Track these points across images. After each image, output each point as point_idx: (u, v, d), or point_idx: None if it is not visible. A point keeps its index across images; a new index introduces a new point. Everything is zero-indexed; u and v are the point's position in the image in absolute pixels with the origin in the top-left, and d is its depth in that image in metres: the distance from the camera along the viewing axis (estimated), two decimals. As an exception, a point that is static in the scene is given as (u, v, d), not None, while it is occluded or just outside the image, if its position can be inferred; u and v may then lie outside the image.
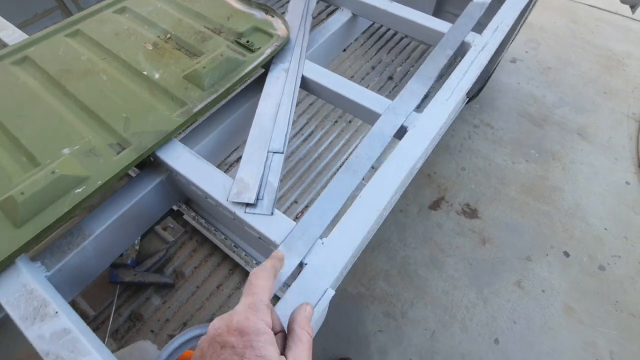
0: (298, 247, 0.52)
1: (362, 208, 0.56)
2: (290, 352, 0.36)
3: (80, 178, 0.58)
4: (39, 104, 0.68)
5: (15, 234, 0.52)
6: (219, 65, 0.72)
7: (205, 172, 0.60)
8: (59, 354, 0.44)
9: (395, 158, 0.61)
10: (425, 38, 0.89)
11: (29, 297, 0.49)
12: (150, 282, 1.05)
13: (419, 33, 0.88)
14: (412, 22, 0.88)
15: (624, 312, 1.63)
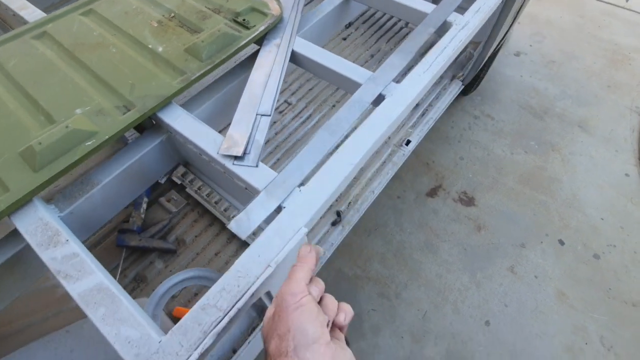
0: (278, 193, 0.59)
1: (337, 162, 0.62)
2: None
3: (90, 133, 0.65)
4: (55, 71, 0.77)
5: (33, 177, 0.60)
6: (216, 40, 0.79)
7: (200, 131, 0.68)
8: (68, 272, 0.52)
9: (371, 121, 0.67)
10: (412, 19, 0.94)
11: (44, 228, 0.57)
12: (154, 248, 1.13)
13: (406, 14, 0.94)
14: (399, 4, 0.93)
15: (617, 300, 1.65)
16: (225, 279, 0.51)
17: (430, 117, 1.55)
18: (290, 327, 0.36)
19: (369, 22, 1.87)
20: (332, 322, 0.41)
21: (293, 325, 0.37)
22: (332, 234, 1.23)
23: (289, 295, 0.39)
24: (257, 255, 0.53)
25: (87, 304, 0.49)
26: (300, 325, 0.36)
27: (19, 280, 0.64)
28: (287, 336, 0.36)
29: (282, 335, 0.36)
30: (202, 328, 0.48)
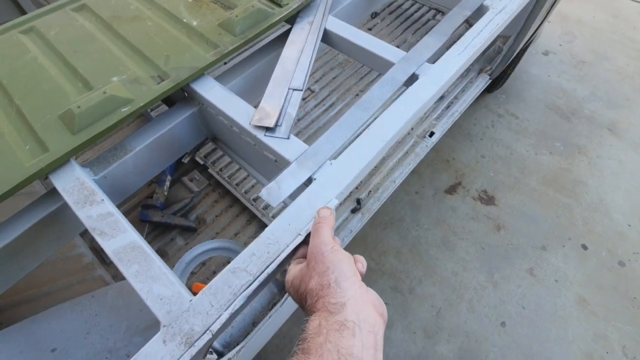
0: (309, 165, 0.59)
1: (369, 138, 0.62)
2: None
3: (126, 100, 0.67)
4: (93, 42, 0.78)
5: (72, 139, 0.62)
6: (249, 15, 0.79)
7: (232, 102, 0.68)
8: (103, 230, 0.53)
9: (404, 100, 0.66)
10: (447, 3, 0.92)
11: (80, 187, 0.58)
12: (176, 225, 1.15)
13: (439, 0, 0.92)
14: (434, -12, 0.92)
15: (642, 309, 1.59)
16: (256, 244, 0.51)
17: (455, 110, 1.53)
18: (329, 265, 0.43)
19: (395, 13, 1.85)
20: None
21: (332, 263, 0.44)
22: (352, 221, 1.22)
23: (322, 244, 0.46)
24: (287, 223, 0.53)
25: (121, 260, 0.50)
26: (339, 263, 0.44)
27: (52, 239, 0.66)
28: (327, 272, 0.43)
29: (321, 272, 0.43)
30: (232, 290, 0.48)
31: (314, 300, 0.42)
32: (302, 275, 0.45)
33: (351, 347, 0.36)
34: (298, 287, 0.46)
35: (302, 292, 0.44)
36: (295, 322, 1.58)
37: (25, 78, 0.72)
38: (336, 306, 0.39)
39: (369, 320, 0.40)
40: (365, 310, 0.40)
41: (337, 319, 0.38)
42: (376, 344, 0.39)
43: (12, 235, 0.60)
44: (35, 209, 0.62)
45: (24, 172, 0.58)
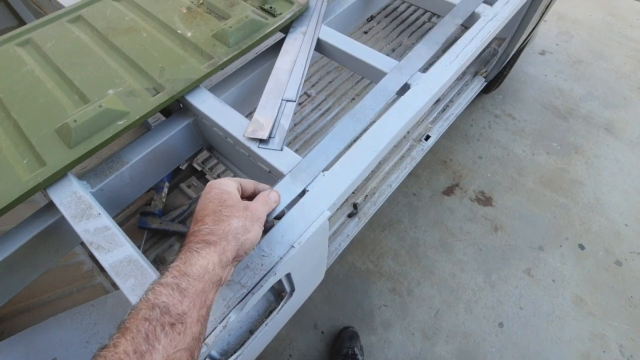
0: (302, 177, 0.60)
1: (361, 149, 0.63)
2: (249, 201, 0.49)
3: (122, 112, 0.68)
4: (89, 54, 0.79)
5: (69, 153, 0.63)
6: (243, 26, 0.80)
7: (226, 114, 0.69)
8: (100, 244, 0.54)
9: (396, 109, 0.67)
10: (439, 10, 0.93)
11: (78, 201, 0.59)
12: (174, 231, 1.16)
13: (433, 5, 0.93)
14: (427, -5, 0.92)
15: (639, 308, 1.60)
16: (250, 257, 0.52)
17: (451, 113, 1.53)
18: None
19: (391, 16, 1.85)
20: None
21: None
22: (348, 226, 1.23)
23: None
24: (280, 236, 0.54)
25: (118, 274, 0.51)
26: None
27: (51, 252, 0.67)
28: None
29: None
30: (226, 303, 0.49)
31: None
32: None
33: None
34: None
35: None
36: (294, 326, 1.60)
37: (22, 91, 0.73)
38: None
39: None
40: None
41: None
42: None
43: (11, 248, 0.61)
44: (34, 222, 0.63)
45: (22, 186, 0.59)
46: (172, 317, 0.33)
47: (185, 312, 0.34)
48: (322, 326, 1.60)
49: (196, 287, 0.36)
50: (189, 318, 0.34)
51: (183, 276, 0.37)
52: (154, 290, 0.35)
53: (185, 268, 0.37)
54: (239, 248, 0.42)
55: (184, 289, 0.35)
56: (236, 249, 0.42)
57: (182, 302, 0.35)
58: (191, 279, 0.37)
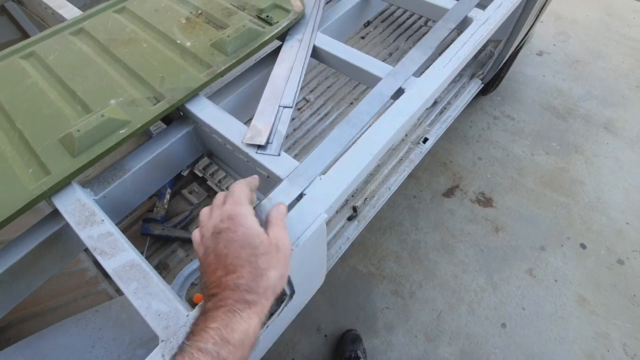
0: (300, 182, 0.61)
1: (357, 153, 0.64)
2: (270, 229, 0.46)
3: (124, 122, 0.69)
4: (91, 65, 0.81)
5: (72, 162, 0.65)
6: (241, 35, 0.82)
7: (225, 121, 0.71)
8: (103, 249, 0.56)
9: (390, 114, 0.69)
10: (432, 15, 0.95)
11: (81, 208, 0.61)
12: (176, 237, 1.18)
13: (426, 10, 0.95)
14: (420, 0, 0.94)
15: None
16: (249, 260, 0.53)
17: (449, 116, 1.55)
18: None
19: (387, 21, 1.88)
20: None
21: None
22: (348, 229, 1.24)
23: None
24: (278, 239, 0.55)
25: (121, 278, 0.52)
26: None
27: (56, 259, 0.69)
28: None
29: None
30: (226, 305, 0.50)
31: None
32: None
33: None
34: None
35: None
36: (297, 329, 1.61)
37: (27, 103, 0.75)
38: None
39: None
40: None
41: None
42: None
43: (17, 255, 0.62)
44: (39, 230, 0.65)
45: (27, 195, 0.61)
46: None
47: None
48: (325, 329, 1.60)
49: (236, 355, 0.35)
50: None
51: (225, 344, 0.34)
52: (192, 355, 0.33)
53: (226, 334, 0.35)
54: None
55: (224, 359, 0.34)
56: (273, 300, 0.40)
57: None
58: (232, 346, 0.34)
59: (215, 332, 0.35)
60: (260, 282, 0.39)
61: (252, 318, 0.37)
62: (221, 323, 0.36)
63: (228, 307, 0.37)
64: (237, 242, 0.41)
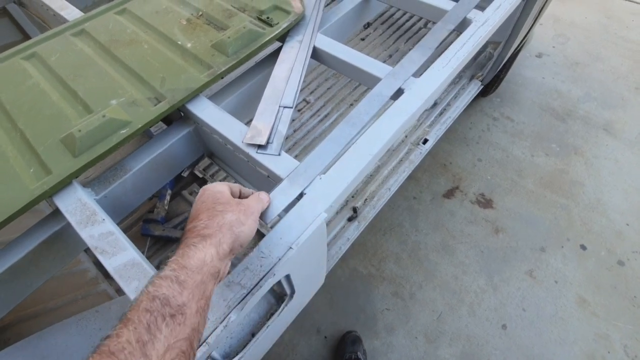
0: (300, 181, 0.61)
1: (357, 153, 0.64)
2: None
3: (125, 122, 0.70)
4: (92, 66, 0.82)
5: (73, 162, 0.65)
6: (241, 36, 0.83)
7: (226, 121, 0.71)
8: (104, 248, 0.56)
9: (390, 114, 0.69)
10: (432, 16, 0.95)
11: (82, 208, 0.61)
12: (177, 238, 1.18)
13: (426, 12, 0.95)
14: (419, 2, 0.95)
15: (642, 308, 1.59)
16: (249, 259, 0.54)
17: (448, 117, 1.55)
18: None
19: (387, 23, 1.89)
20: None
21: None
22: (349, 229, 1.24)
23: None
24: (279, 238, 0.56)
25: (122, 277, 0.53)
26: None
27: (56, 259, 0.69)
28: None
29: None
30: (227, 303, 0.50)
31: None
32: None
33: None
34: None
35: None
36: (297, 330, 1.60)
37: (28, 103, 0.75)
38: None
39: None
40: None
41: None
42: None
43: (18, 254, 0.63)
44: (40, 229, 0.65)
45: (29, 194, 0.61)
46: (172, 308, 0.34)
47: (185, 304, 0.35)
48: (325, 331, 1.60)
49: (195, 279, 0.37)
50: (188, 309, 0.35)
51: (181, 269, 0.37)
52: (154, 283, 0.36)
53: (183, 261, 0.38)
54: (235, 240, 0.43)
55: (182, 281, 0.36)
56: (232, 241, 0.43)
57: (182, 294, 0.36)
58: (189, 271, 0.38)
59: (173, 262, 0.39)
60: (215, 219, 0.43)
61: (208, 248, 0.41)
62: (178, 255, 0.40)
63: (185, 243, 0.41)
64: (203, 202, 0.46)
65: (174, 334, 0.33)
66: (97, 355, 0.30)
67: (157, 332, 0.32)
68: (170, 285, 0.36)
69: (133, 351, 0.30)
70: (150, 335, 0.32)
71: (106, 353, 0.30)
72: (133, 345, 0.30)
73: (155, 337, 0.32)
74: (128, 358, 0.30)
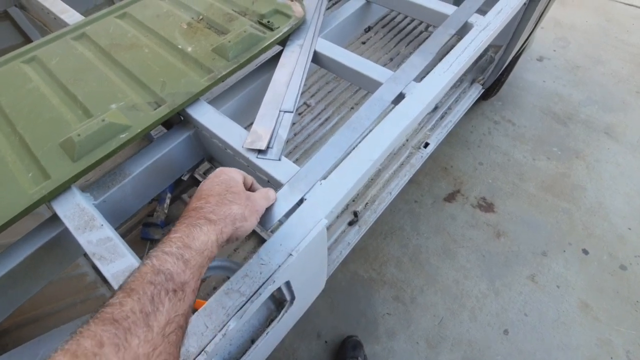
0: (300, 187, 0.61)
1: (357, 158, 0.64)
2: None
3: (124, 126, 0.69)
4: (92, 70, 0.82)
5: (72, 166, 0.65)
6: (242, 40, 0.83)
7: (226, 126, 0.70)
8: (102, 254, 0.55)
9: (391, 119, 0.69)
10: (433, 21, 0.95)
11: (81, 213, 0.61)
12: (176, 242, 1.17)
13: (427, 16, 0.95)
14: (420, 6, 0.95)
15: (645, 313, 1.58)
16: (249, 266, 0.53)
17: (449, 121, 1.55)
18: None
19: (388, 26, 1.89)
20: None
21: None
22: (349, 234, 1.24)
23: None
24: (279, 244, 0.55)
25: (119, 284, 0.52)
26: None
27: (55, 263, 0.68)
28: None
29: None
30: (226, 311, 0.50)
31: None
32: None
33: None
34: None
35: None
36: (297, 335, 1.59)
37: (28, 107, 0.75)
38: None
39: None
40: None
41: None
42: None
43: (16, 260, 0.62)
44: (38, 234, 0.64)
45: (27, 199, 0.61)
46: (175, 284, 0.35)
47: (187, 282, 0.36)
48: (326, 335, 1.59)
49: (196, 260, 0.38)
50: (188, 287, 0.36)
51: (186, 248, 0.38)
52: (159, 257, 0.37)
53: (188, 240, 0.39)
54: (233, 233, 0.45)
55: (187, 260, 0.37)
56: (231, 233, 0.44)
57: (185, 272, 0.37)
58: (193, 251, 0.39)
59: (179, 239, 0.39)
60: (223, 208, 0.44)
61: (211, 233, 0.41)
62: (183, 233, 0.40)
63: (190, 221, 0.42)
64: (217, 184, 0.47)
65: (174, 308, 0.34)
66: (100, 321, 0.30)
67: (159, 304, 0.33)
68: (176, 262, 0.37)
69: (137, 320, 0.31)
70: (154, 307, 0.32)
71: (109, 320, 0.30)
72: (137, 314, 0.31)
73: (157, 309, 0.32)
74: (131, 327, 0.30)
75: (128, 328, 0.30)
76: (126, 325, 0.30)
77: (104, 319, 0.30)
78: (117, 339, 0.29)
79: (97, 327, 0.29)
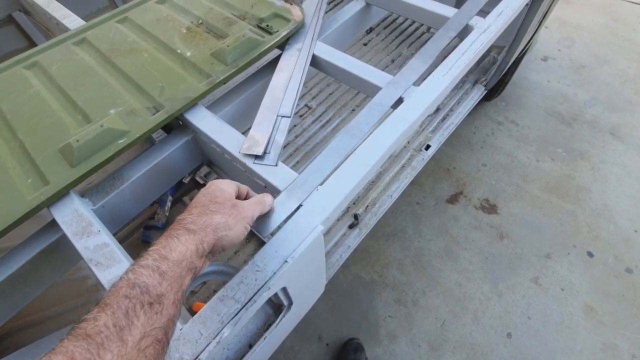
0: (298, 194, 0.61)
1: (355, 163, 0.63)
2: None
3: (123, 132, 0.70)
4: (92, 75, 0.82)
5: (71, 172, 0.65)
6: (240, 45, 0.83)
7: (223, 131, 0.70)
8: (99, 260, 0.56)
9: (389, 124, 0.68)
10: (433, 23, 0.94)
11: (79, 219, 0.61)
12: (177, 244, 1.17)
13: (427, 18, 0.94)
14: (421, 9, 0.94)
15: (652, 317, 1.55)
16: (244, 272, 0.53)
17: (451, 122, 1.54)
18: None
19: (390, 28, 1.88)
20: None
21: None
22: (349, 237, 1.23)
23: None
24: (274, 250, 0.55)
25: (116, 290, 0.52)
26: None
27: (54, 268, 0.69)
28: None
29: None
30: (220, 318, 0.49)
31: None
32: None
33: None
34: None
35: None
36: (298, 338, 1.59)
37: (29, 113, 0.76)
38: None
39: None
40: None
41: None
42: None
43: (15, 265, 0.63)
44: (38, 240, 0.65)
45: (26, 205, 0.61)
46: (151, 297, 0.35)
47: (164, 294, 0.36)
48: (327, 338, 1.58)
49: (174, 271, 0.38)
50: (166, 299, 0.36)
51: (163, 260, 0.38)
52: (135, 270, 0.36)
53: (165, 252, 0.39)
54: (216, 242, 0.44)
55: (163, 272, 0.37)
56: (213, 243, 0.43)
57: (161, 284, 0.36)
58: (170, 263, 0.38)
59: (155, 251, 0.39)
60: (203, 217, 0.44)
61: (190, 243, 0.41)
62: (161, 245, 0.40)
63: (169, 233, 0.42)
64: (203, 196, 0.47)
65: (150, 322, 0.33)
66: (73, 337, 0.30)
67: (134, 318, 0.33)
68: (151, 274, 0.36)
69: (110, 335, 0.30)
70: (128, 321, 0.32)
71: (82, 336, 0.30)
72: (110, 329, 0.31)
73: (132, 323, 0.32)
74: (104, 342, 0.30)
75: (101, 343, 0.30)
76: (99, 340, 0.30)
77: (77, 335, 0.30)
78: (89, 354, 0.29)
79: (69, 343, 0.29)
